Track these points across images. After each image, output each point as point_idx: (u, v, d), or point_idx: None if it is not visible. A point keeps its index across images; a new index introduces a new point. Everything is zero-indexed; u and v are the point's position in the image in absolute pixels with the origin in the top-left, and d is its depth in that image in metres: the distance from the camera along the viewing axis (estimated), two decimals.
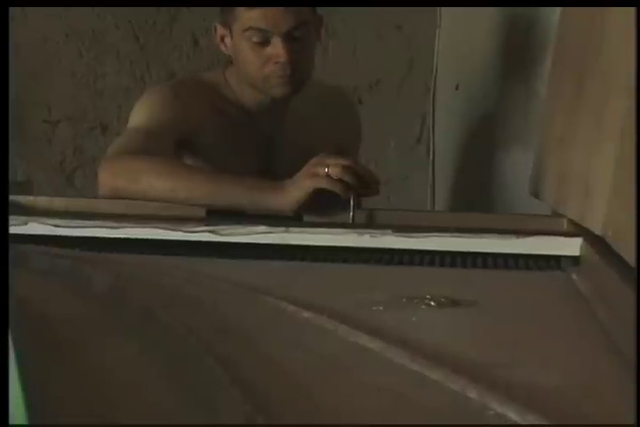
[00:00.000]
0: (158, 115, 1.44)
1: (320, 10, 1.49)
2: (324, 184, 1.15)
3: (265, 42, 1.38)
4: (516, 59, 1.85)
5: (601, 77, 1.08)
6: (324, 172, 1.15)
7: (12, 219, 1.08)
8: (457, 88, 2.30)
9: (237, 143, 1.52)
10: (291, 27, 1.37)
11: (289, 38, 1.38)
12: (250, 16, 1.37)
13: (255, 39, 1.38)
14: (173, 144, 1.42)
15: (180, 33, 2.38)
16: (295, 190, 1.17)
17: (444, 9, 2.39)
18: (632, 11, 0.97)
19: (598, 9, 1.12)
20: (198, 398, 0.63)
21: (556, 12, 1.42)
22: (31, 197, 1.28)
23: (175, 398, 0.63)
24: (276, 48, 1.38)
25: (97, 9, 2.32)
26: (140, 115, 1.46)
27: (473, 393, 0.65)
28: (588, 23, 1.18)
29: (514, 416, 0.62)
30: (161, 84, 1.57)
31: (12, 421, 0.56)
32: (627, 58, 0.94)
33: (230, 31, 1.43)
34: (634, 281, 0.77)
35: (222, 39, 1.46)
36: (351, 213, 1.16)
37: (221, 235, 1.08)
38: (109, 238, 1.08)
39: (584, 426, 0.56)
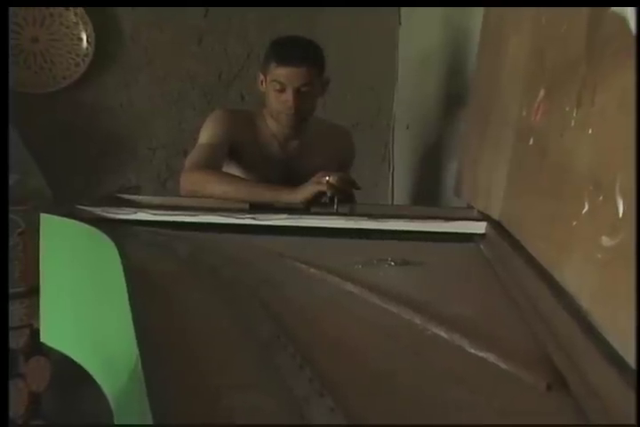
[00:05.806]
0: (216, 132, 1.43)
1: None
2: (324, 188, 1.16)
3: (282, 90, 1.37)
4: (446, 106, 1.84)
5: (498, 117, 1.06)
6: (325, 181, 1.16)
7: (127, 210, 1.08)
8: (407, 127, 2.29)
9: (267, 159, 1.50)
10: (300, 84, 1.36)
11: (297, 91, 1.37)
12: (276, 73, 1.36)
13: (277, 87, 1.37)
14: (226, 154, 1.42)
15: (233, 92, 2.36)
16: (304, 192, 1.17)
17: (399, 75, 2.37)
18: (519, 68, 0.94)
19: (497, 65, 1.10)
20: (247, 327, 0.62)
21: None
22: (139, 197, 1.28)
23: (232, 327, 0.63)
24: (288, 95, 1.37)
25: (180, 76, 2.30)
26: (204, 132, 1.44)
27: (418, 320, 0.65)
28: (490, 75, 1.16)
29: (444, 334, 0.62)
30: (221, 109, 1.52)
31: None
32: (514, 105, 0.93)
33: (265, 78, 1.41)
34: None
35: (261, 83, 1.44)
36: (335, 207, 1.17)
37: (259, 220, 1.08)
38: (188, 222, 1.07)
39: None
